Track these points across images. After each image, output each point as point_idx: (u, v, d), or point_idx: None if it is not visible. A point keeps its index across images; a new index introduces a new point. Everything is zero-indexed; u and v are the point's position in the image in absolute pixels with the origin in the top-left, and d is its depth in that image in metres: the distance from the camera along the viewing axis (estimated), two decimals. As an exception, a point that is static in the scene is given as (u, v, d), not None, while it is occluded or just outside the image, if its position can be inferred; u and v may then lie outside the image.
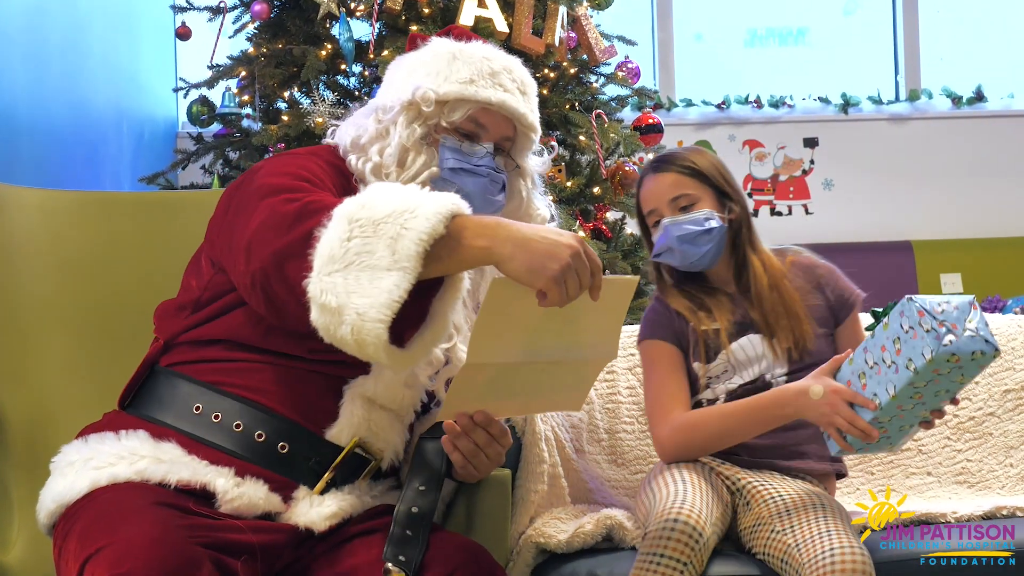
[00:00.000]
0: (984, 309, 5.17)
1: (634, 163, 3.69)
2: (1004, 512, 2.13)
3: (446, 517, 1.99)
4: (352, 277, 1.58)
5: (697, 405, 2.20)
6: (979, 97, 5.73)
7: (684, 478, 2.04)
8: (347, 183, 1.88)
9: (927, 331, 1.89)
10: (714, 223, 2.20)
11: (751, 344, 2.20)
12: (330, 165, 1.89)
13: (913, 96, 5.72)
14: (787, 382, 2.13)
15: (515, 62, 1.95)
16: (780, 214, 5.69)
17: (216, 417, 1.78)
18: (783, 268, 2.25)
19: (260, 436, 1.77)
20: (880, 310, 2.08)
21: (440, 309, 1.72)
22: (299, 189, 1.73)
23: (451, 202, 1.63)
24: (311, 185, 1.76)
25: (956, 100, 5.73)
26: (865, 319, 2.33)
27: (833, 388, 1.98)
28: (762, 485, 2.09)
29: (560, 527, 2.10)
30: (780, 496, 2.04)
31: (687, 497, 1.97)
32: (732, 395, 2.17)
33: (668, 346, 2.21)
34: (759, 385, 2.17)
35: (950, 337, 1.88)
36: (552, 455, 2.21)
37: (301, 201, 1.67)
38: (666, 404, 2.16)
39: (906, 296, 1.95)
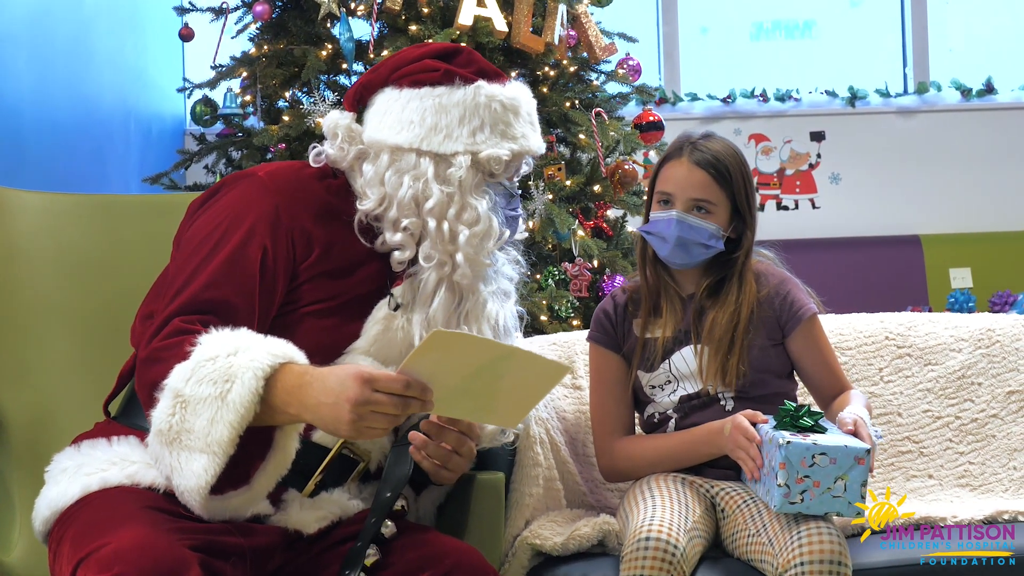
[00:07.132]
0: (994, 305, 5.17)
1: (634, 161, 3.68)
2: (1006, 516, 2.13)
3: (439, 520, 1.99)
4: (173, 456, 1.68)
5: (650, 419, 2.23)
6: (989, 89, 5.68)
7: (654, 493, 2.06)
8: (314, 193, 1.90)
9: (779, 485, 1.90)
10: (716, 243, 2.18)
11: (683, 359, 2.20)
12: (289, 187, 1.89)
13: (922, 89, 5.68)
14: (735, 402, 2.16)
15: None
16: (786, 208, 5.66)
17: None
18: (752, 296, 2.19)
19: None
20: (786, 408, 1.99)
21: (281, 441, 1.75)
22: (202, 257, 1.81)
23: (265, 370, 1.67)
24: (220, 245, 1.81)
25: (966, 92, 5.68)
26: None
27: (735, 424, 2.05)
28: (735, 491, 2.11)
29: (556, 530, 2.09)
30: (752, 499, 2.06)
31: (656, 512, 1.97)
32: (678, 408, 2.19)
33: (611, 356, 2.25)
34: (704, 399, 2.18)
35: (801, 497, 1.90)
36: (547, 458, 2.20)
37: (151, 347, 1.75)
38: (608, 427, 2.23)
39: (785, 439, 1.91)
